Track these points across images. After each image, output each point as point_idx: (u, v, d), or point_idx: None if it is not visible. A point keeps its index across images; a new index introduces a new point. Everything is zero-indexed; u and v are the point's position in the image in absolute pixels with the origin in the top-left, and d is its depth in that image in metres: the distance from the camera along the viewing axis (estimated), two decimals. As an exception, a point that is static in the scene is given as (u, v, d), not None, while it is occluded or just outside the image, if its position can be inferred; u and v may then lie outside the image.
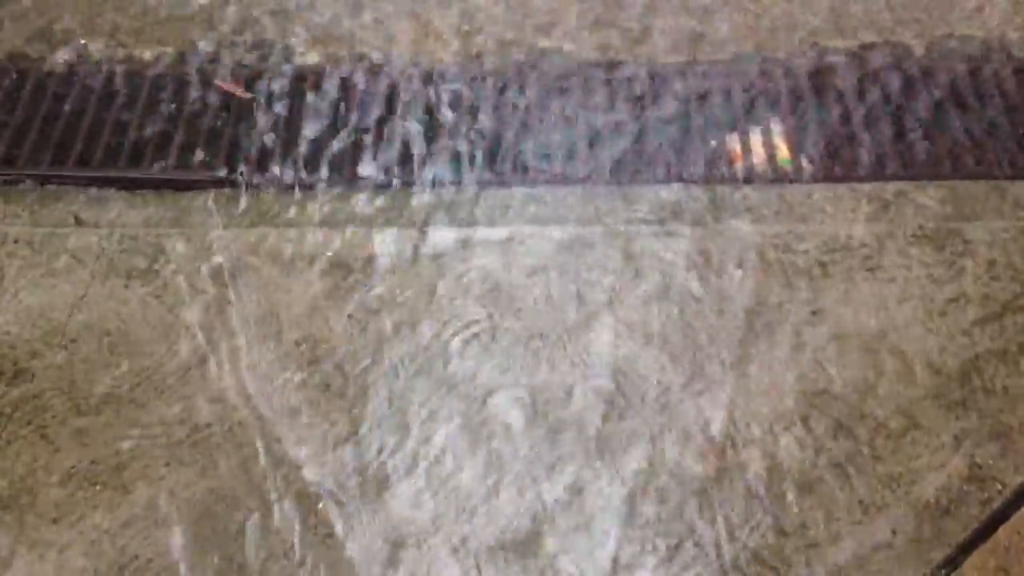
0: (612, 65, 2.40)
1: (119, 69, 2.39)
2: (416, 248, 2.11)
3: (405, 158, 2.25)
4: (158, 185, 2.21)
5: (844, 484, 1.82)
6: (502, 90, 2.36)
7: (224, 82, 1.72)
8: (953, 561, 1.74)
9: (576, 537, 1.77)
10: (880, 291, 2.04)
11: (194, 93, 2.35)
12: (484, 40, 2.46)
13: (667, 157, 2.24)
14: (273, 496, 1.81)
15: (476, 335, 2.00)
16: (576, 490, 1.82)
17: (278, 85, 2.36)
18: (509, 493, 1.82)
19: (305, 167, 2.23)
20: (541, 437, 1.88)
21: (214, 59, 2.40)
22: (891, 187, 2.20)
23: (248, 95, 1.78)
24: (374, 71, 2.39)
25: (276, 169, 2.22)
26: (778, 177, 2.22)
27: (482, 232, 2.14)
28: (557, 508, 1.80)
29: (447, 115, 2.32)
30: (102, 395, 1.92)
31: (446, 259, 2.10)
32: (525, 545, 1.76)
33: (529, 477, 1.83)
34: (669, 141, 2.27)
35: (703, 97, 2.34)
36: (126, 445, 1.87)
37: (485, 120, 2.31)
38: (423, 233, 2.13)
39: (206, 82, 2.36)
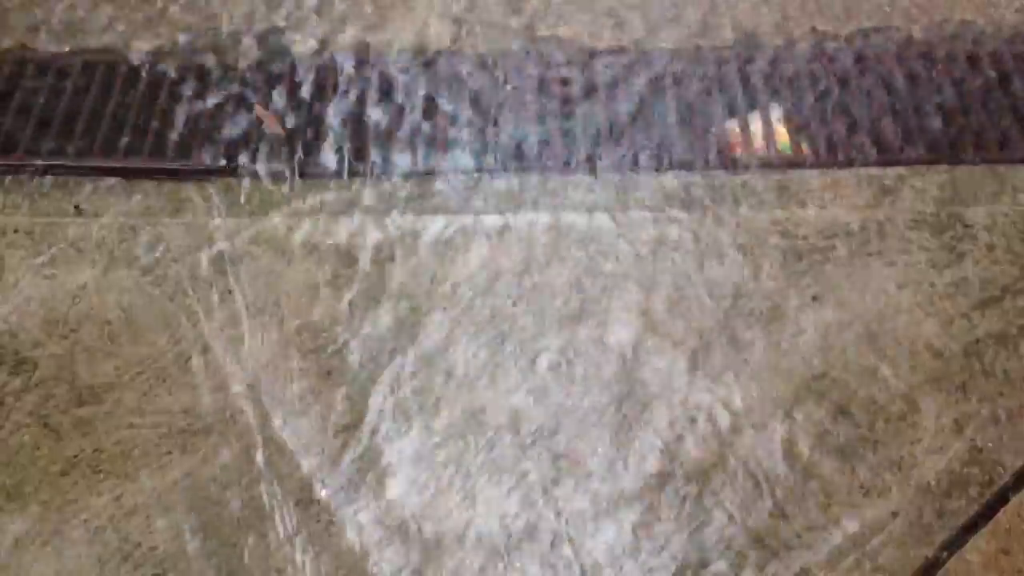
0: (611, 52, 2.39)
1: (119, 59, 2.39)
2: (417, 236, 2.11)
3: (406, 146, 2.25)
4: (158, 175, 2.21)
5: (845, 468, 1.82)
6: (502, 78, 2.36)
7: (262, 109, 1.70)
8: (954, 543, 1.75)
9: (583, 527, 1.78)
10: (880, 276, 2.04)
11: (193, 83, 2.34)
12: (481, 27, 2.45)
13: (667, 143, 2.24)
14: (275, 484, 1.82)
15: (476, 324, 2.00)
16: (584, 476, 1.83)
17: (278, 73, 2.35)
18: (510, 485, 1.82)
19: (305, 156, 2.23)
20: (541, 424, 1.88)
21: (214, 49, 2.40)
22: (891, 172, 2.20)
23: (281, 131, 1.77)
24: (375, 59, 2.39)
25: (276, 158, 2.22)
26: (778, 163, 2.22)
27: (483, 220, 2.13)
28: (562, 501, 1.81)
29: (448, 104, 2.32)
30: (104, 384, 1.92)
31: (447, 247, 2.10)
32: (531, 534, 1.77)
33: (527, 464, 1.84)
34: (669, 127, 2.27)
35: (702, 83, 2.34)
36: (128, 434, 1.87)
37: (486, 109, 2.31)
38: (424, 221, 2.13)
39: (206, 73, 2.36)
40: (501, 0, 2.49)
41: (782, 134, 2.26)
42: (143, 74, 2.36)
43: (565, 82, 2.35)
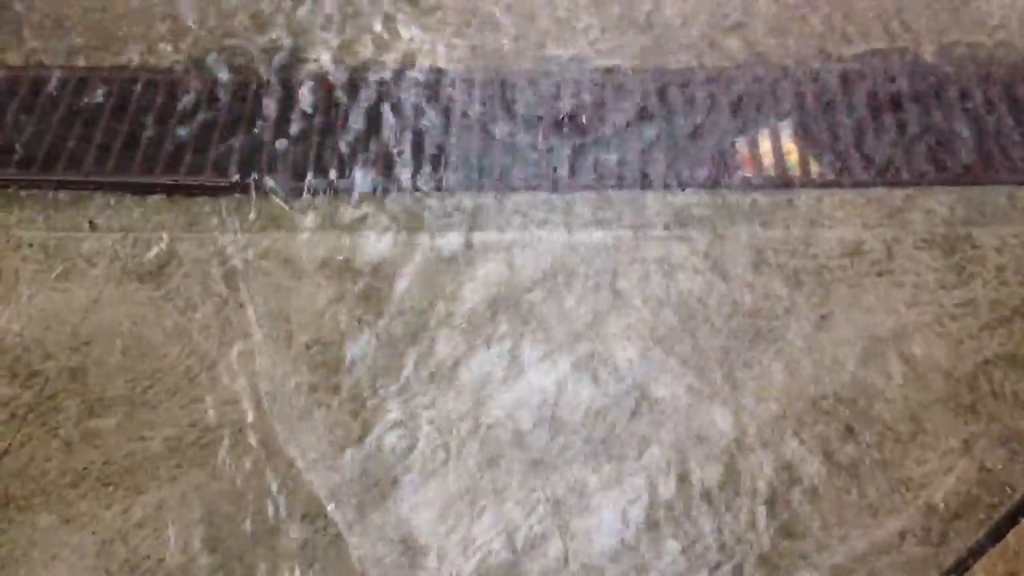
0: (620, 71, 2.41)
1: (133, 76, 2.42)
2: (425, 252, 2.12)
3: (416, 163, 2.26)
4: (171, 190, 2.23)
5: (853, 488, 1.82)
6: (511, 95, 2.37)
7: None
8: (962, 565, 1.74)
9: (586, 537, 1.78)
10: (889, 296, 2.04)
11: (206, 100, 2.37)
12: (491, 45, 2.47)
13: (676, 162, 2.25)
14: (283, 498, 1.82)
15: (485, 339, 2.00)
16: (581, 490, 1.82)
17: (290, 90, 2.38)
18: (515, 495, 1.83)
19: (316, 172, 2.25)
20: (548, 441, 1.88)
21: (227, 65, 2.43)
22: (900, 192, 2.20)
23: None
24: (384, 76, 2.41)
25: (287, 174, 2.24)
26: (787, 182, 2.23)
27: (491, 237, 2.15)
28: (564, 510, 1.81)
29: (457, 120, 2.33)
30: (115, 397, 1.94)
31: (455, 263, 2.11)
32: (534, 544, 1.77)
33: (534, 480, 1.84)
34: (678, 146, 2.28)
35: (712, 102, 2.35)
36: (138, 446, 1.88)
37: (493, 125, 2.32)
38: (432, 238, 2.15)
39: (218, 88, 2.39)
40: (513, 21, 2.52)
41: (792, 153, 2.27)
42: (157, 91, 2.39)
43: (575, 101, 2.36)
